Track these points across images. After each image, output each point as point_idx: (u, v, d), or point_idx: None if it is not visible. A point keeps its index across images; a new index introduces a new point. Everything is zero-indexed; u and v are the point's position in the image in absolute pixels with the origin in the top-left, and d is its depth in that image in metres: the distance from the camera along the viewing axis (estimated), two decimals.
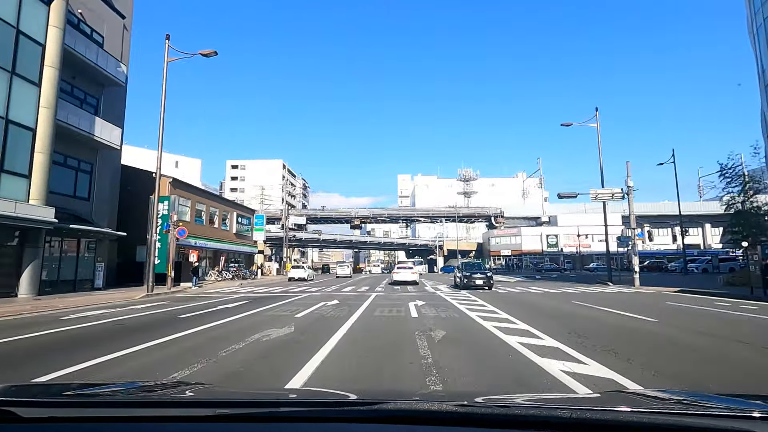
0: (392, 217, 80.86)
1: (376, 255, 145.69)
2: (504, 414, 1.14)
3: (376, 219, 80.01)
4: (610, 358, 5.49)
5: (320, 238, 64.95)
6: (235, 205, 39.28)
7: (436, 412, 1.15)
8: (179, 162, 59.13)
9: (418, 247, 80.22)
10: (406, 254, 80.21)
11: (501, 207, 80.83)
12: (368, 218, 78.88)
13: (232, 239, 37.67)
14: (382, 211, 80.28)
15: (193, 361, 5.37)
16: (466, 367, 5.18)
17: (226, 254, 37.28)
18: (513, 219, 79.47)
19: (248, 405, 1.28)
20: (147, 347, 6.40)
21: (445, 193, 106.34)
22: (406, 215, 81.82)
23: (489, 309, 12.51)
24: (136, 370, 5.09)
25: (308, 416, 1.17)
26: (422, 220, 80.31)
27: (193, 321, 9.54)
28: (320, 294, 18.80)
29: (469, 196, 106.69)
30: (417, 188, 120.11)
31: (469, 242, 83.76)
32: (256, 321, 9.48)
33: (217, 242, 34.52)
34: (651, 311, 11.18)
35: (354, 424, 1.10)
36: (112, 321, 9.84)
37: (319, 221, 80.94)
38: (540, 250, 71.56)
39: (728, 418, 1.06)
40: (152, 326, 8.77)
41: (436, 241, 77.59)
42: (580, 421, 1.02)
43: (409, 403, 1.24)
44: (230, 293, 19.46)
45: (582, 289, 20.99)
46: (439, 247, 75.84)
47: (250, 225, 41.94)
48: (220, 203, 36.17)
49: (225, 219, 37.23)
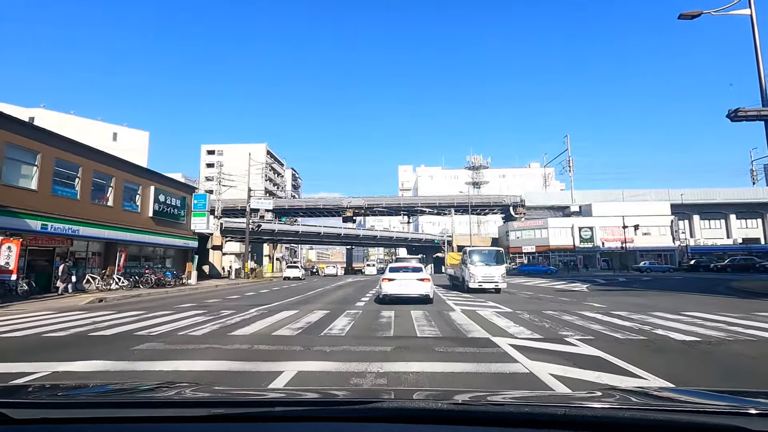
0: (391, 207, 67.91)
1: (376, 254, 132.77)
2: (497, 412, 1.14)
3: (372, 210, 67.18)
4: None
5: (299, 231, 52.13)
6: (152, 175, 26.58)
7: (429, 411, 1.15)
8: (118, 134, 46.54)
9: (423, 242, 67.41)
10: (408, 251, 67.46)
11: (521, 195, 67.99)
12: (363, 209, 66.03)
13: (145, 226, 25.05)
14: (380, 200, 67.34)
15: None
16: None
17: (133, 249, 24.67)
18: (536, 209, 66.58)
19: (243, 405, 1.28)
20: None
21: (451, 185, 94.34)
22: (407, 205, 68.88)
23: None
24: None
25: (303, 416, 1.16)
26: (427, 211, 67.38)
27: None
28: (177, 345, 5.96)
29: (479, 186, 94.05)
30: (420, 180, 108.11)
31: (482, 238, 70.98)
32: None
33: (109, 229, 21.92)
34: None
35: (348, 423, 1.09)
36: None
37: (305, 213, 68.19)
38: (571, 245, 58.71)
39: (725, 415, 1.05)
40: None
41: (443, 236, 64.77)
42: (573, 418, 1.02)
43: (402, 402, 1.28)
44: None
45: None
46: (448, 242, 63.03)
47: (184, 208, 29.32)
48: (120, 168, 23.50)
49: (133, 195, 24.60)
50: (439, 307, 12.23)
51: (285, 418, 1.12)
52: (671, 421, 1.01)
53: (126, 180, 23.70)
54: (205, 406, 1.20)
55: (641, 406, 1.18)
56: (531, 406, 1.21)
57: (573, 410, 1.06)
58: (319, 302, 14.03)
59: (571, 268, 55.70)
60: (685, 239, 59.97)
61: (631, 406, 1.15)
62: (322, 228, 56.05)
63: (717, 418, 1.03)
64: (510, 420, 1.07)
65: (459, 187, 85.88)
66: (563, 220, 61.20)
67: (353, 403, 1.27)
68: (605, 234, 58.17)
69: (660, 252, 57.58)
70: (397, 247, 73.14)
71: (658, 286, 21.08)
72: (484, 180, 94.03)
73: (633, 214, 56.22)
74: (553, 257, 59.08)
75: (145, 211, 25.37)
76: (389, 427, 1.05)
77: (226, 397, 1.64)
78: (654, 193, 64.30)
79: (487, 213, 73.52)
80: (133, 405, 1.31)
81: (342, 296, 16.79)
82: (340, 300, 14.91)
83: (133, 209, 24.37)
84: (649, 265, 47.34)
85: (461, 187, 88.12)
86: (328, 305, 13.06)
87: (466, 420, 1.06)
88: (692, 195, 63.24)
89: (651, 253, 57.08)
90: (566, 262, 58.20)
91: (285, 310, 11.71)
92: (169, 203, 27.47)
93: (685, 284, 22.46)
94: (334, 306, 12.77)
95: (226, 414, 1.12)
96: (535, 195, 69.29)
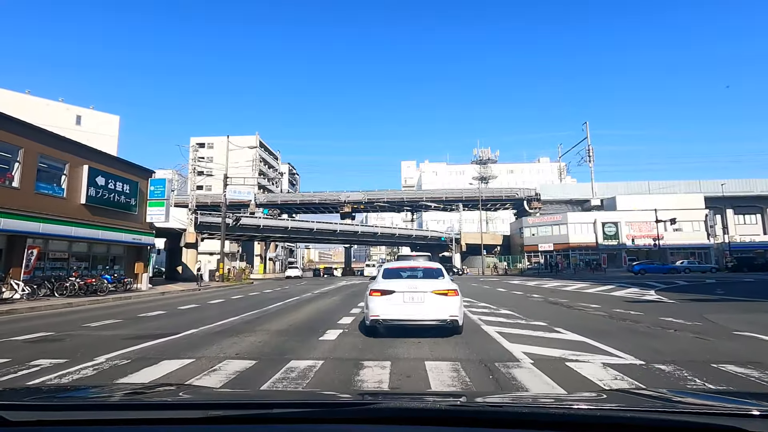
0: (393, 202, 62.01)
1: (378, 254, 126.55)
2: (497, 413, 1.13)
3: (372, 204, 61.38)
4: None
5: (288, 227, 46.31)
6: (86, 151, 20.80)
7: (429, 412, 1.13)
8: (83, 117, 40.88)
9: (428, 240, 61.51)
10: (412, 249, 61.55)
11: (535, 187, 62.08)
12: (362, 203, 60.32)
13: (74, 215, 19.38)
14: (381, 194, 61.47)
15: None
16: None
17: (58, 245, 19.04)
18: (552, 204, 60.63)
19: (241, 407, 1.26)
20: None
21: (456, 181, 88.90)
22: (411, 200, 62.96)
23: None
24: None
25: (301, 417, 1.14)
26: (432, 206, 61.51)
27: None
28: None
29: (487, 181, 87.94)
30: (424, 176, 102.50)
31: (493, 235, 65.14)
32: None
33: (14, 218, 16.27)
34: None
35: (347, 425, 1.08)
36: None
37: (299, 209, 62.51)
38: (593, 242, 52.71)
39: (726, 416, 1.04)
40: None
41: (451, 233, 58.90)
42: (572, 419, 1.01)
43: (402, 403, 1.24)
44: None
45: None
46: (456, 240, 57.19)
47: (136, 196, 23.62)
48: (32, 137, 17.73)
49: (56, 175, 18.98)
50: (475, 342, 6.48)
51: (283, 419, 1.11)
52: (672, 422, 0.99)
53: (42, 153, 17.99)
54: (202, 408, 1.20)
55: (642, 407, 1.17)
56: (530, 407, 1.19)
57: (572, 411, 1.05)
58: (261, 331, 8.25)
59: (594, 268, 49.76)
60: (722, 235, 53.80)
61: (632, 407, 1.13)
62: (314, 223, 50.19)
63: (718, 419, 1.01)
64: (509, 420, 1.05)
65: (465, 183, 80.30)
66: (584, 214, 55.15)
67: (353, 404, 1.28)
68: (632, 230, 52.13)
69: (693, 250, 51.43)
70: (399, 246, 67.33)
71: (745, 292, 15.21)
72: (492, 174, 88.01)
73: (662, 207, 50.13)
74: (574, 255, 53.08)
75: (75, 196, 19.68)
76: (389, 428, 1.04)
77: (224, 398, 1.59)
78: (684, 185, 58.11)
79: (498, 208, 67.65)
80: (130, 407, 1.30)
81: (313, 314, 11.03)
82: (303, 324, 9.15)
83: (54, 193, 18.68)
84: (687, 265, 41.27)
85: (467, 182, 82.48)
86: (269, 340, 7.28)
87: (466, 421, 1.05)
88: (729, 186, 56.97)
89: (683, 250, 50.99)
90: (588, 261, 52.21)
91: (174, 358, 5.91)
92: (112, 188, 21.77)
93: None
94: (280, 343, 6.99)
95: (224, 416, 1.11)
96: (550, 188, 63.34)
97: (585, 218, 54.13)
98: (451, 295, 6.75)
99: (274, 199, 60.57)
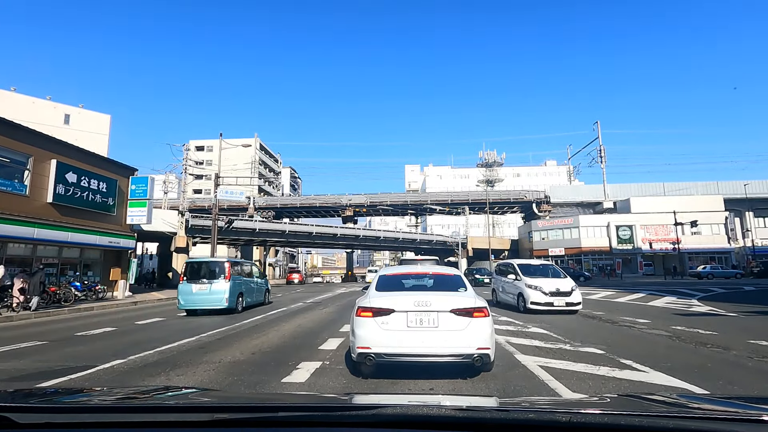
0: (396, 205, 59.71)
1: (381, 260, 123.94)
2: (502, 418, 1.12)
3: (374, 208, 59.16)
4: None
5: (286, 230, 44.08)
6: (53, 144, 18.68)
7: (434, 417, 1.12)
8: (71, 116, 39.01)
9: (433, 244, 59.13)
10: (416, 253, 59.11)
11: (544, 189, 59.66)
12: (364, 207, 58.12)
13: (39, 215, 17.27)
14: (384, 198, 59.21)
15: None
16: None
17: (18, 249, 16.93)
18: (562, 206, 58.17)
19: (246, 410, 1.24)
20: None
21: (461, 185, 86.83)
22: (415, 203, 60.64)
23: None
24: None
25: (307, 421, 1.13)
26: (437, 209, 59.14)
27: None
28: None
29: (493, 185, 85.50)
30: (428, 180, 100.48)
31: (500, 239, 62.70)
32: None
33: None
34: None
35: (354, 428, 1.08)
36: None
37: (300, 212, 60.41)
38: (607, 246, 50.15)
39: (736, 422, 1.03)
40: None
41: (457, 237, 56.52)
42: (578, 425, 0.99)
43: (407, 408, 1.23)
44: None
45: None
46: (462, 244, 54.82)
47: (114, 195, 21.53)
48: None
49: (17, 169, 16.91)
50: (514, 387, 4.25)
51: (289, 423, 1.11)
52: (681, 428, 0.97)
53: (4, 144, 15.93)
54: (209, 411, 1.20)
55: (650, 412, 1.14)
56: (536, 412, 1.17)
57: (579, 416, 1.02)
58: (206, 364, 6.01)
59: (608, 273, 47.26)
60: (743, 239, 51.07)
61: (640, 412, 1.11)
62: (314, 227, 47.96)
63: (728, 425, 0.99)
64: (515, 426, 1.04)
65: (470, 187, 78.16)
66: (597, 217, 52.63)
67: (359, 408, 1.27)
68: (647, 233, 49.55)
69: (713, 254, 48.79)
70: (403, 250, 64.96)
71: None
72: (498, 178, 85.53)
73: (679, 210, 47.51)
74: (586, 260, 50.58)
75: (41, 194, 17.59)
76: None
77: (231, 401, 1.59)
78: (701, 186, 55.44)
79: (505, 211, 65.17)
80: (137, 410, 1.29)
81: (291, 333, 8.75)
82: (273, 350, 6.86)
83: (14, 190, 16.58)
84: (710, 270, 38.65)
85: (473, 186, 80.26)
86: (209, 381, 5.06)
87: (471, 426, 1.04)
88: (751, 188, 54.14)
89: (702, 255, 48.41)
90: (602, 266, 49.67)
91: None
92: (86, 186, 19.69)
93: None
94: (224, 387, 4.77)
95: (230, 419, 1.12)
96: (560, 190, 60.83)
97: (597, 221, 51.64)
98: (479, 317, 4.48)
99: (273, 202, 58.47)
